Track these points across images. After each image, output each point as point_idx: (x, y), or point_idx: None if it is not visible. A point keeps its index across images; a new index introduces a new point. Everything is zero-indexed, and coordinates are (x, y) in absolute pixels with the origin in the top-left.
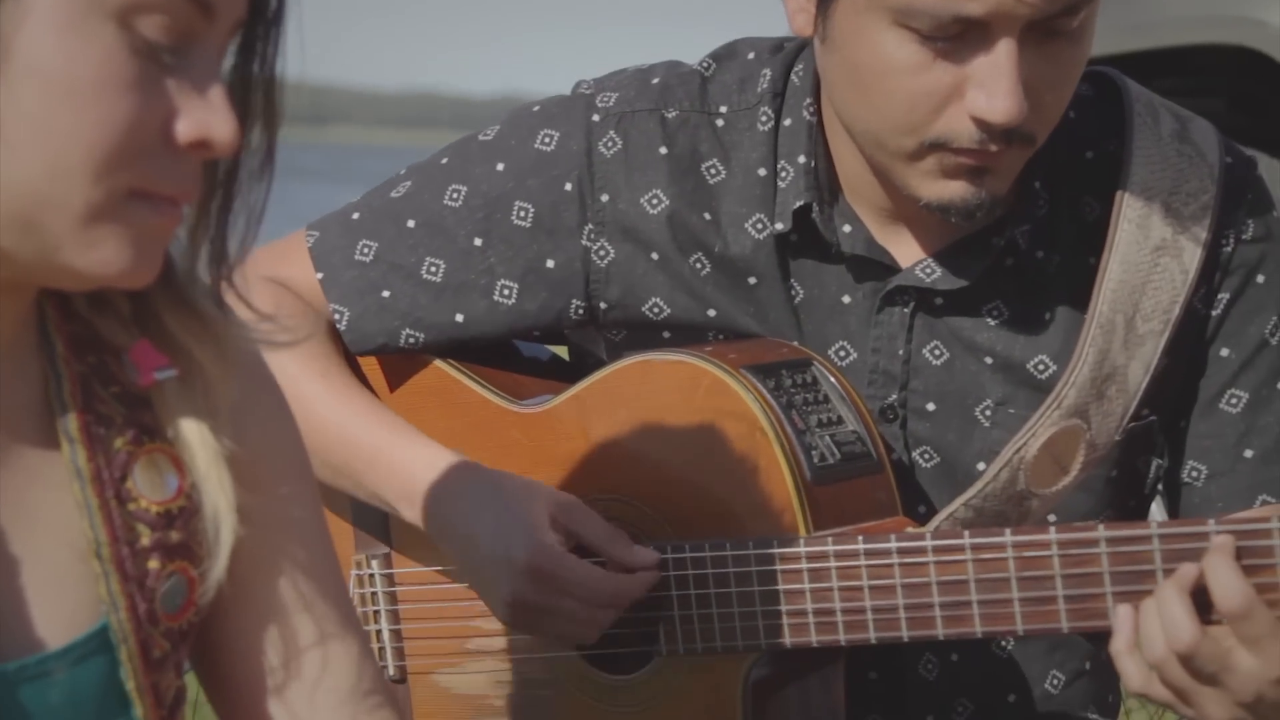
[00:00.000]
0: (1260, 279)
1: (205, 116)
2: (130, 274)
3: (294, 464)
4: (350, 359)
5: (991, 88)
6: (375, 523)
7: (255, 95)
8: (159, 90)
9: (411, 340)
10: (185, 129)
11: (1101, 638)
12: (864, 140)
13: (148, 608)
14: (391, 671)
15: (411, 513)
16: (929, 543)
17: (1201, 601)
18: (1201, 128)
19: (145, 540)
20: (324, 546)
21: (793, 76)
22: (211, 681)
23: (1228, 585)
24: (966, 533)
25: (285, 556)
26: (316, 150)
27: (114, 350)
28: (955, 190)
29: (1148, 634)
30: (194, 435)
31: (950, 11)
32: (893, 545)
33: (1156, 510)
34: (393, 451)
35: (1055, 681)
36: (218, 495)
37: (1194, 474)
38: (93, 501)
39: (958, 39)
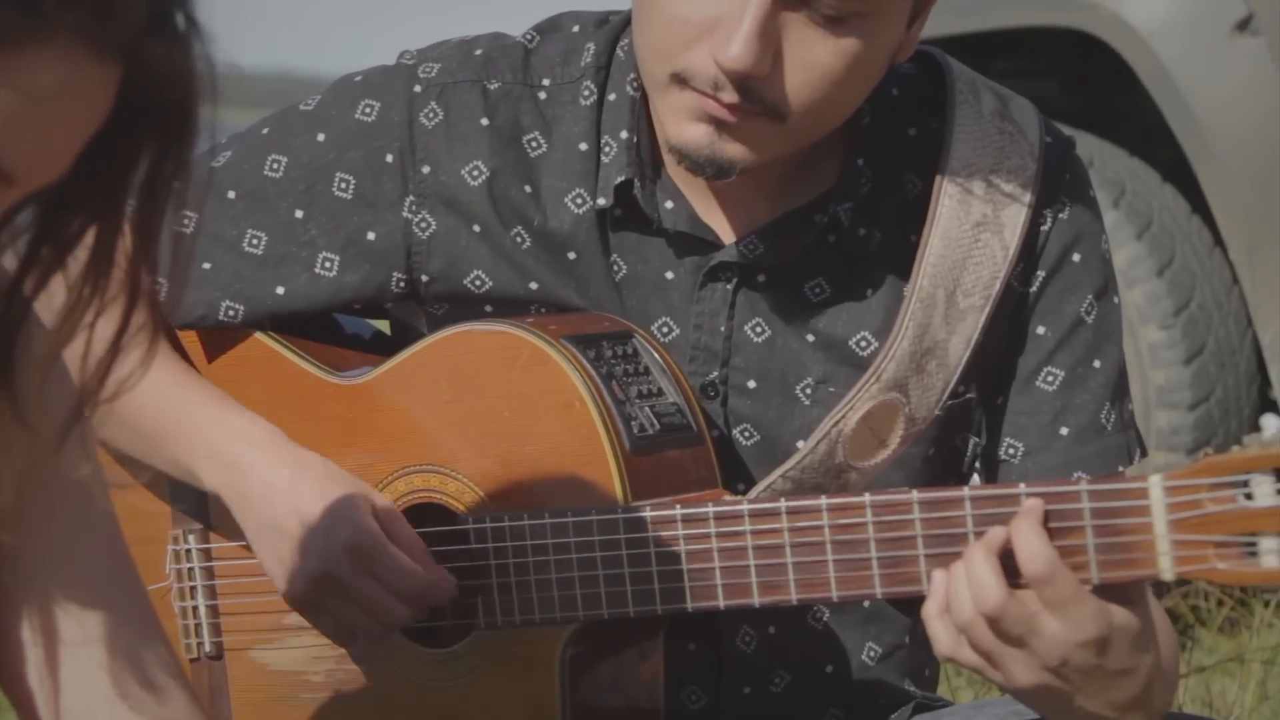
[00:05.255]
0: (1076, 258)
1: None
2: None
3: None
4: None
5: (729, 29)
6: (193, 499)
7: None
8: None
9: (231, 313)
10: None
11: (918, 611)
12: (642, 75)
13: None
14: (208, 648)
15: (214, 478)
16: (745, 508)
17: (1010, 565)
18: (1022, 106)
19: None
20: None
21: (618, 51)
22: None
23: (1031, 549)
24: (783, 499)
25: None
26: None
27: None
28: (694, 134)
29: (956, 596)
30: None
31: None
32: (709, 511)
33: None
34: (206, 417)
35: (872, 653)
36: None
37: (1011, 451)
38: None
39: None
